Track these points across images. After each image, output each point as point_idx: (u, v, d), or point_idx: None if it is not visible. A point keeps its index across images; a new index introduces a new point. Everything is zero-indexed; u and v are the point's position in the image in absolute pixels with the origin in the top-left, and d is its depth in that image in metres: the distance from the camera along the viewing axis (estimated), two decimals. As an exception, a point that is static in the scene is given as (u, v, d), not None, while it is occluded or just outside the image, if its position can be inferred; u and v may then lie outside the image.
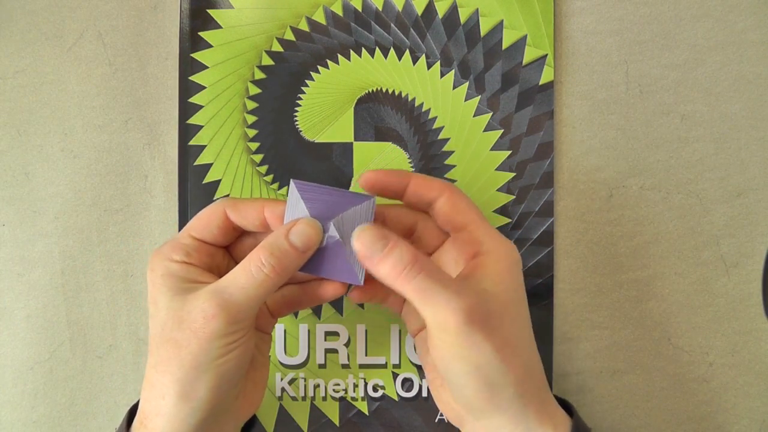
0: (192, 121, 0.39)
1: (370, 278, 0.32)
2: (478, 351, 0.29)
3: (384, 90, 0.39)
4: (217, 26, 0.39)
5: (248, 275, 0.30)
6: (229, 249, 0.34)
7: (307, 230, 0.31)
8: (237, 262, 0.34)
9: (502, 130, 0.39)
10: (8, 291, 0.40)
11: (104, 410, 0.40)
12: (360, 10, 0.39)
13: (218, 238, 0.32)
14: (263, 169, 0.39)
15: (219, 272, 0.33)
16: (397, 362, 0.40)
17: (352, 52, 0.39)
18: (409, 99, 0.39)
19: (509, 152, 0.40)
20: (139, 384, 0.40)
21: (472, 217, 0.32)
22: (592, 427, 0.34)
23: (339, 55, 0.39)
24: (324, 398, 0.39)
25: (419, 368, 0.40)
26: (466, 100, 0.39)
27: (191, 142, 0.39)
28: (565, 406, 0.33)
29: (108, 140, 0.40)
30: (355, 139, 0.39)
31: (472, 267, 0.31)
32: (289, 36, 0.39)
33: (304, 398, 0.39)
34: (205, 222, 0.32)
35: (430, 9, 0.39)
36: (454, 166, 0.39)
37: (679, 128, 0.40)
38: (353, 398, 0.40)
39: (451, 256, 0.33)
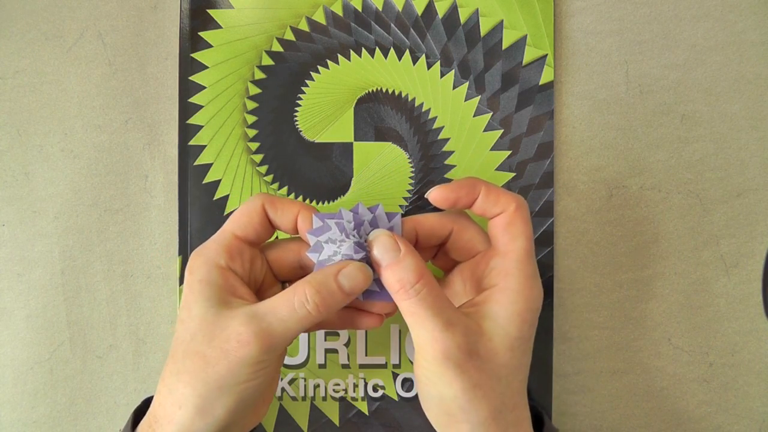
0: (192, 121, 0.39)
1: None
2: (446, 386, 0.29)
3: (384, 90, 0.39)
4: (217, 26, 0.39)
5: (290, 309, 0.30)
6: (270, 262, 0.34)
7: (357, 274, 0.30)
8: (272, 269, 0.34)
9: (502, 130, 0.39)
10: (8, 291, 0.40)
11: (104, 410, 0.40)
12: (360, 10, 0.39)
13: (261, 235, 0.32)
14: (263, 169, 0.39)
15: (257, 283, 0.33)
16: (397, 362, 0.40)
17: (352, 52, 0.39)
18: (409, 99, 0.39)
19: (509, 152, 0.40)
20: (140, 384, 0.40)
21: (516, 246, 0.31)
22: None
23: (339, 55, 0.39)
24: (324, 398, 0.39)
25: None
26: (466, 100, 0.39)
27: (191, 142, 0.39)
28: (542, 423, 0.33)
29: (108, 140, 0.40)
30: (355, 139, 0.39)
31: (485, 297, 0.31)
32: (289, 36, 0.39)
33: (304, 398, 0.39)
34: (247, 218, 0.32)
35: (430, 9, 0.39)
36: (454, 166, 0.39)
37: (679, 128, 0.40)
38: (353, 398, 0.40)
39: (469, 273, 0.33)
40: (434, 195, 0.32)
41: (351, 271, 0.31)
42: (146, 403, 0.33)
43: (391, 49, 0.39)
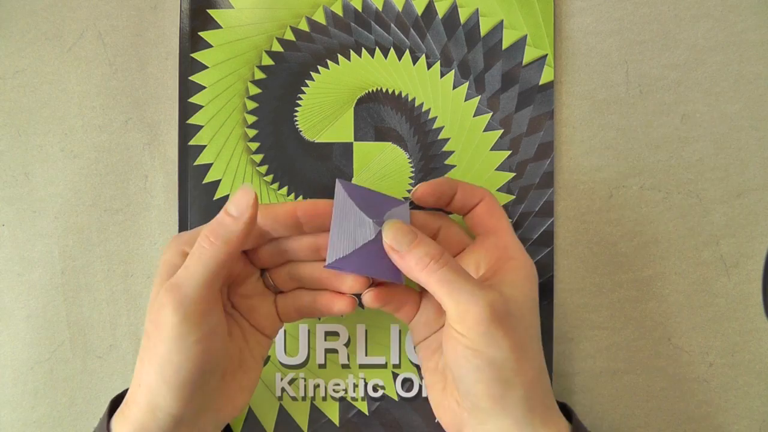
0: (192, 121, 0.39)
1: (385, 286, 0.34)
2: (496, 346, 0.29)
3: (384, 90, 0.39)
4: (217, 26, 0.39)
5: (191, 255, 0.30)
6: (249, 254, 0.34)
7: (239, 195, 0.30)
8: (258, 268, 0.35)
9: (502, 130, 0.39)
10: (8, 291, 0.40)
11: (104, 410, 0.40)
12: (360, 10, 0.39)
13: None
14: (263, 169, 0.39)
15: (232, 276, 0.33)
16: (397, 362, 0.40)
17: (352, 52, 0.39)
18: (409, 99, 0.39)
19: (509, 152, 0.40)
20: (139, 384, 0.40)
21: (503, 224, 0.34)
22: None
23: (339, 55, 0.39)
24: (324, 398, 0.39)
25: (419, 368, 0.40)
26: (466, 100, 0.39)
27: (191, 142, 0.39)
28: (566, 410, 0.33)
29: (108, 140, 0.40)
30: (355, 139, 0.39)
31: (494, 270, 0.32)
32: (289, 36, 0.39)
33: (304, 398, 0.39)
34: None
35: (430, 9, 0.39)
36: (454, 166, 0.39)
37: (679, 128, 0.40)
38: (353, 398, 0.40)
39: (473, 259, 0.34)
40: (421, 191, 0.34)
41: (235, 194, 0.30)
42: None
43: (391, 49, 0.39)
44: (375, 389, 0.40)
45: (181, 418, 0.30)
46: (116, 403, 0.33)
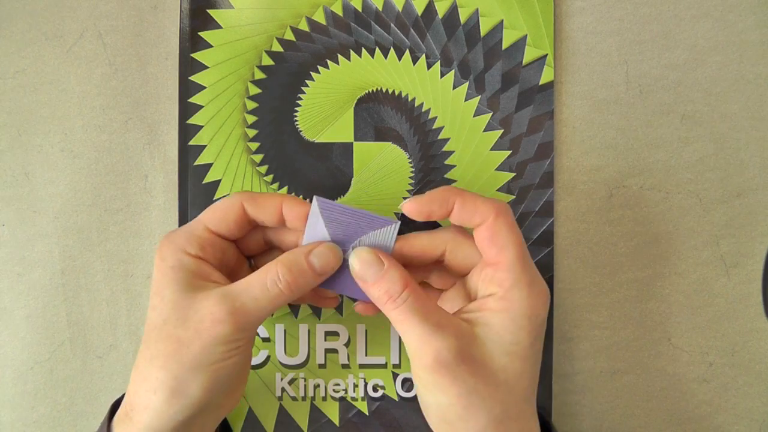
0: (192, 121, 0.39)
1: None
2: (441, 393, 0.29)
3: (384, 90, 0.39)
4: (217, 26, 0.39)
5: (263, 287, 0.30)
6: (237, 241, 0.34)
7: (327, 254, 0.31)
8: (246, 257, 0.35)
9: (502, 130, 0.39)
10: (8, 291, 0.40)
11: (104, 410, 0.40)
12: (360, 10, 0.39)
13: (233, 232, 0.33)
14: (263, 169, 0.39)
15: (229, 269, 0.34)
16: (397, 362, 0.40)
17: (352, 52, 0.39)
18: (409, 99, 0.39)
19: (509, 152, 0.40)
20: (139, 384, 0.40)
21: (506, 255, 0.30)
22: None
23: (339, 55, 0.39)
24: (324, 398, 0.39)
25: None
26: (466, 100, 0.39)
27: (191, 142, 0.39)
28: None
29: (108, 140, 0.40)
30: (355, 139, 0.39)
31: (478, 306, 0.31)
32: (289, 36, 0.39)
33: (304, 398, 0.39)
34: (222, 215, 0.32)
35: (430, 9, 0.39)
36: (454, 166, 0.39)
37: (679, 128, 0.40)
38: (353, 398, 0.40)
39: (472, 282, 0.33)
40: (408, 207, 0.31)
41: (322, 250, 0.31)
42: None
43: (391, 49, 0.39)
44: (375, 389, 0.40)
45: (194, 420, 0.30)
46: (116, 407, 0.33)
